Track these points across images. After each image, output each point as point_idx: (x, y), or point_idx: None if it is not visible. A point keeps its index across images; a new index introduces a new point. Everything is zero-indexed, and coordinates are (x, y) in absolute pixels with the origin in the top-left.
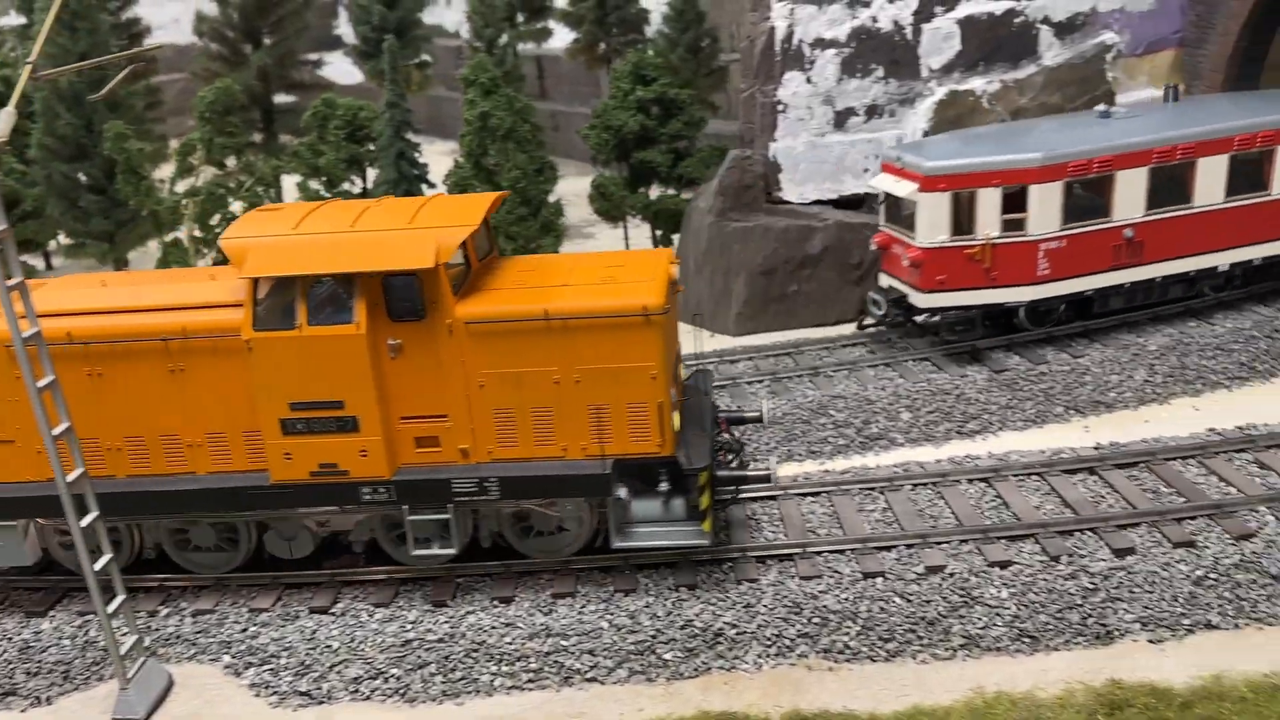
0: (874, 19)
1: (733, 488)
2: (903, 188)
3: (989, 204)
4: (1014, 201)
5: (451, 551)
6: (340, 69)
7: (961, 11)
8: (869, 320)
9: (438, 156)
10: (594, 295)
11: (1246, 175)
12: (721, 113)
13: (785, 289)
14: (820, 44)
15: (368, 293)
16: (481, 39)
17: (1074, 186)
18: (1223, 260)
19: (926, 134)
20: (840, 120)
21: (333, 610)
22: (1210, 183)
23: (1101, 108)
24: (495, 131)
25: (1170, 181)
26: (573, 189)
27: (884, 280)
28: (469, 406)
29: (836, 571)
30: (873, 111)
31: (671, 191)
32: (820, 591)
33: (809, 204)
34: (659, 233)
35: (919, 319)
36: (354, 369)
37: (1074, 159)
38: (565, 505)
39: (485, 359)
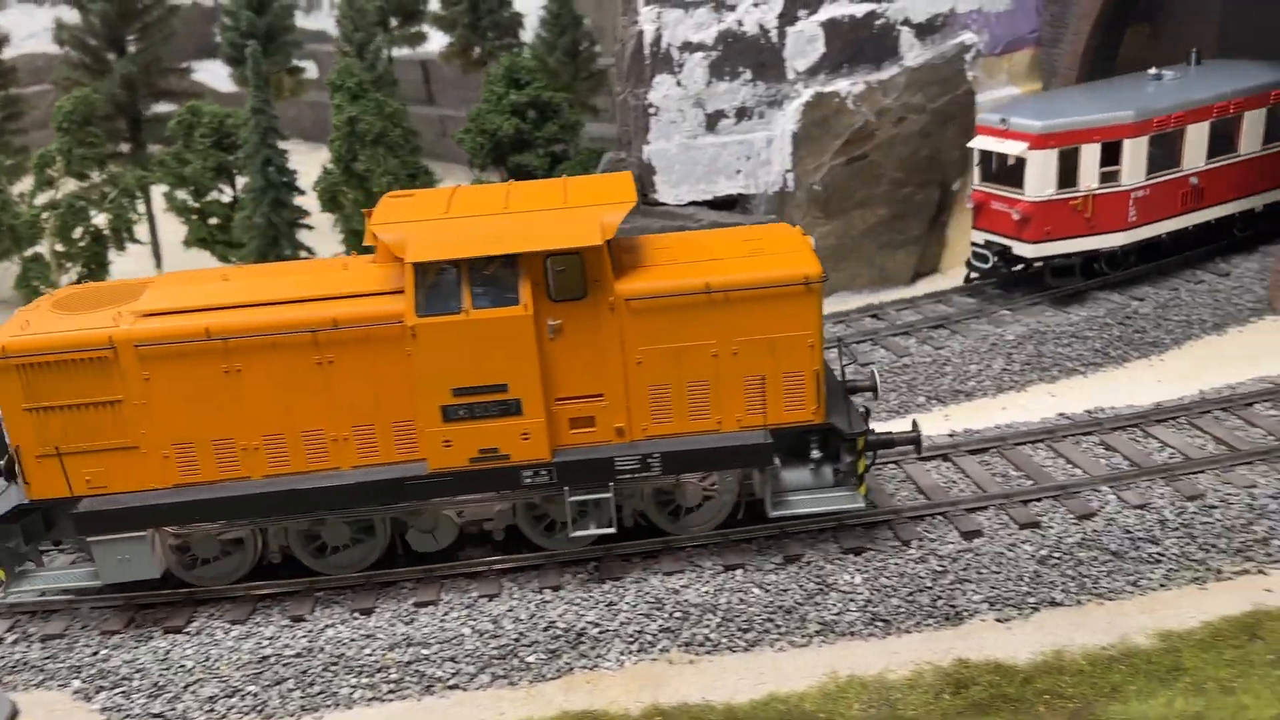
0: (739, 22)
1: (875, 451)
2: (1011, 147)
3: (1090, 158)
4: (1110, 155)
5: (610, 530)
6: (220, 75)
7: (824, 14)
8: (974, 275)
9: (323, 162)
10: (752, 267)
11: (1277, 125)
12: (604, 115)
13: None
14: (688, 47)
15: (531, 273)
16: (351, 43)
17: (1156, 140)
18: (1258, 202)
19: (795, 136)
20: (711, 122)
21: (187, 629)
22: (1251, 133)
23: (1153, 71)
24: (364, 137)
25: (1223, 134)
26: None
27: (978, 236)
28: (625, 384)
29: (698, 565)
30: (743, 114)
31: None
32: (682, 586)
33: (685, 205)
34: None
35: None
36: (519, 351)
37: (1158, 115)
38: (725, 478)
39: (644, 336)
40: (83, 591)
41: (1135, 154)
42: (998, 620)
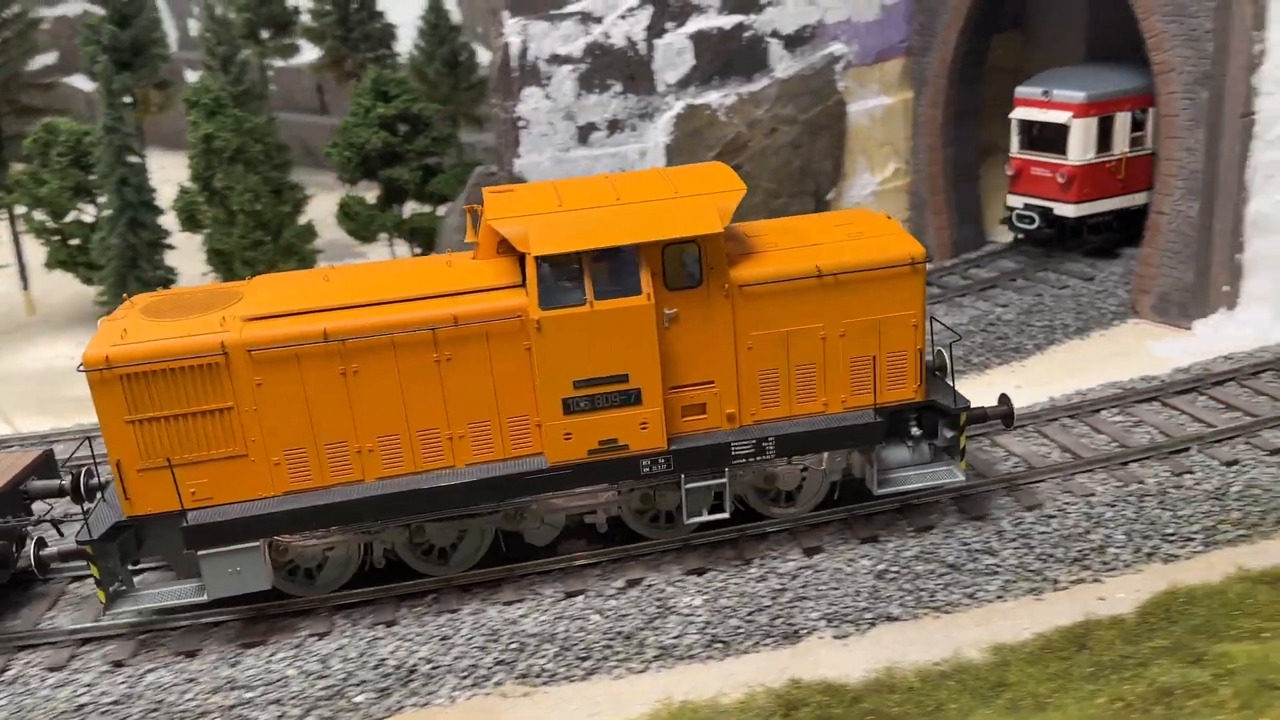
0: (607, 35)
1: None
2: (1055, 115)
3: (1123, 125)
4: (1138, 122)
5: (724, 515)
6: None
7: (692, 26)
8: (1019, 235)
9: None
10: (858, 250)
11: None
12: (489, 126)
13: None
14: (556, 60)
15: (650, 262)
16: (216, 56)
17: None
18: None
19: (668, 148)
20: (583, 135)
21: (2, 678)
22: None
23: None
24: (221, 154)
25: None
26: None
27: (1016, 200)
28: (736, 370)
29: (538, 594)
30: (615, 126)
31: (427, 209)
32: (520, 616)
33: None
34: (418, 250)
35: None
36: (641, 340)
37: None
38: (833, 459)
39: (756, 321)
40: (188, 609)
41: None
42: (835, 638)
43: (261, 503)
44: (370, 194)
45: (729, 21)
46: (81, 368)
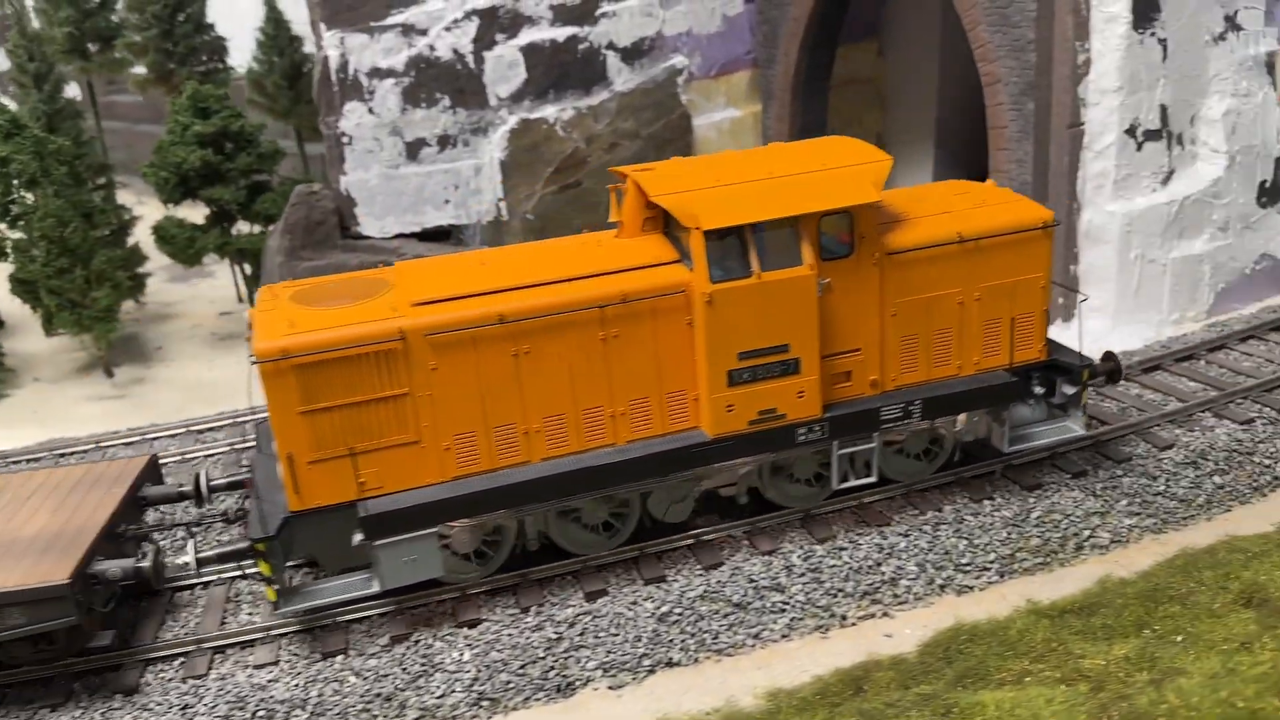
0: (432, 47)
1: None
2: None
3: None
4: None
5: (872, 480)
6: None
7: (524, 39)
8: None
9: None
10: (994, 216)
11: None
12: None
13: None
14: (378, 73)
15: (809, 234)
16: (27, 74)
17: None
18: None
19: (504, 164)
20: (413, 151)
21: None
22: None
23: None
24: (19, 177)
25: None
26: None
27: None
28: (881, 337)
29: (293, 654)
30: (446, 141)
31: (258, 229)
32: (270, 680)
33: (391, 238)
34: (248, 271)
35: None
36: (801, 310)
37: None
38: (970, 419)
39: (900, 288)
40: (359, 601)
41: None
42: (610, 688)
43: (433, 489)
44: (199, 214)
45: (562, 34)
46: (254, 360)
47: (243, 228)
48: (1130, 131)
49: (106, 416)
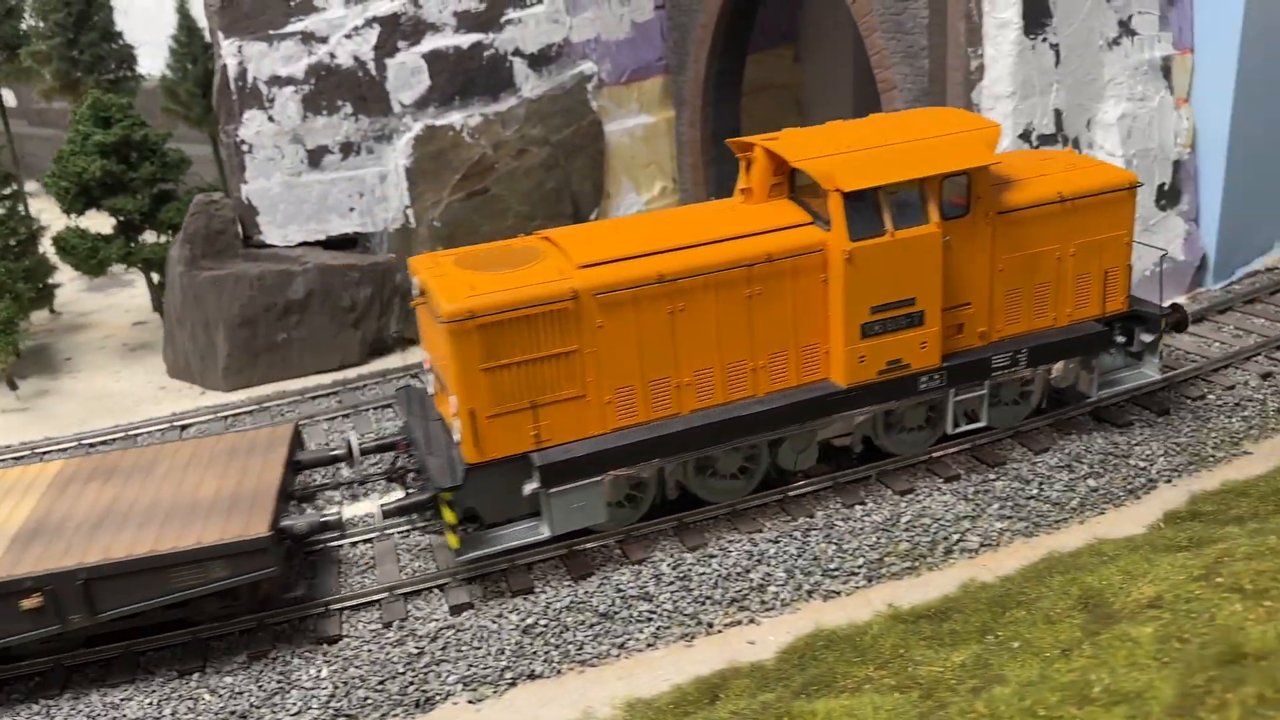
0: (332, 55)
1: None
2: None
3: None
4: None
5: (982, 424)
6: None
7: (426, 45)
8: None
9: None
10: (1088, 177)
11: None
12: None
13: (273, 338)
14: (277, 81)
15: (933, 194)
16: None
17: None
18: None
19: (409, 171)
20: (315, 159)
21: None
22: None
23: None
24: None
25: None
26: None
27: None
28: (990, 291)
29: (148, 673)
30: (348, 149)
31: (165, 239)
32: (123, 699)
33: (295, 246)
34: (158, 279)
35: None
36: (928, 266)
37: None
38: (1065, 367)
39: (1008, 245)
40: (531, 546)
41: None
42: (470, 702)
43: (598, 440)
44: (109, 224)
45: (466, 40)
46: (442, 320)
47: (152, 237)
48: (1025, 136)
49: (6, 430)
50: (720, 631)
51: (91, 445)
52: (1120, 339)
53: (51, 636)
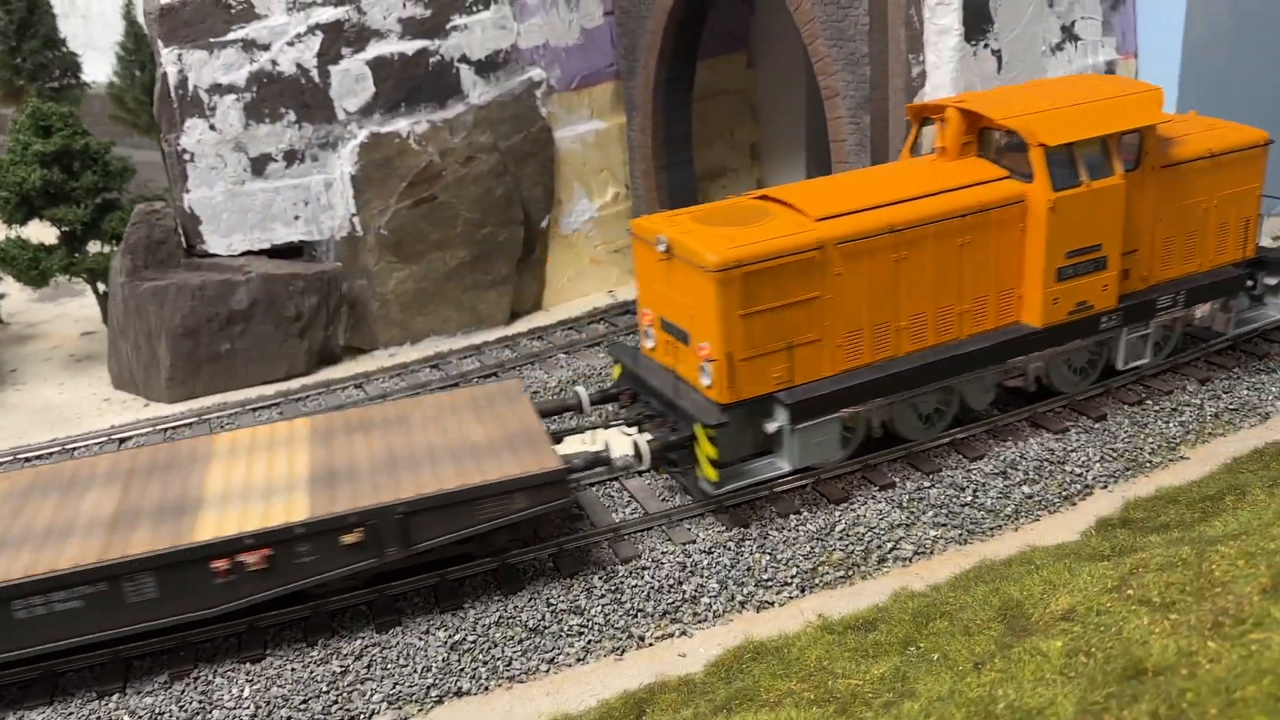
0: (274, 62)
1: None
2: None
3: None
4: None
5: (1145, 361)
6: None
7: (371, 52)
8: None
9: None
10: (1229, 135)
11: None
12: None
13: (217, 349)
14: (218, 89)
15: (1115, 149)
16: None
17: None
18: None
19: (355, 178)
20: (258, 167)
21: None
22: None
23: None
24: None
25: None
26: None
27: None
28: (1151, 239)
29: (67, 694)
30: (292, 157)
31: (108, 249)
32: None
33: (238, 256)
34: (104, 290)
35: None
36: (1113, 215)
37: None
38: (1211, 308)
39: (1166, 197)
40: (775, 480)
41: None
42: None
43: (834, 379)
44: (52, 235)
45: (411, 47)
46: (710, 269)
47: (97, 247)
48: None
49: None
50: (651, 645)
51: (27, 459)
52: (1248, 283)
53: (359, 572)
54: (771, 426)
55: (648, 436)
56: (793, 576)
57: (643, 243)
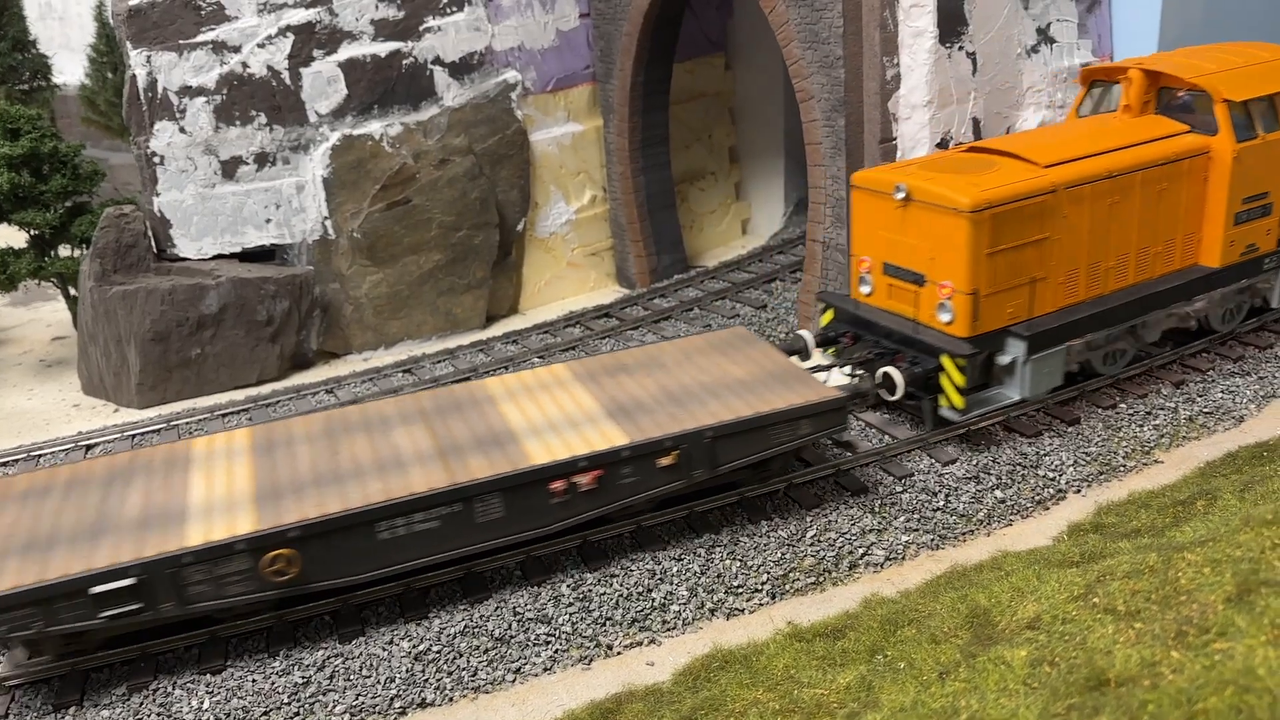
0: (245, 65)
1: None
2: None
3: None
4: None
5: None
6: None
7: (343, 54)
8: None
9: None
10: None
11: None
12: None
13: (187, 354)
14: (188, 92)
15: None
16: None
17: None
18: None
19: (327, 181)
20: (229, 170)
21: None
22: None
23: None
24: None
25: None
26: None
27: None
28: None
29: (24, 707)
30: (264, 159)
31: (78, 253)
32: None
33: (209, 259)
34: (75, 294)
35: None
36: (1278, 164)
37: None
38: None
39: None
40: (1007, 407)
41: None
42: None
43: (1059, 314)
44: (21, 239)
45: (384, 49)
46: (966, 211)
47: (68, 251)
48: (942, 145)
49: None
50: (620, 653)
51: None
52: None
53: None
54: (1005, 359)
55: (890, 370)
56: (763, 583)
57: (866, 192)
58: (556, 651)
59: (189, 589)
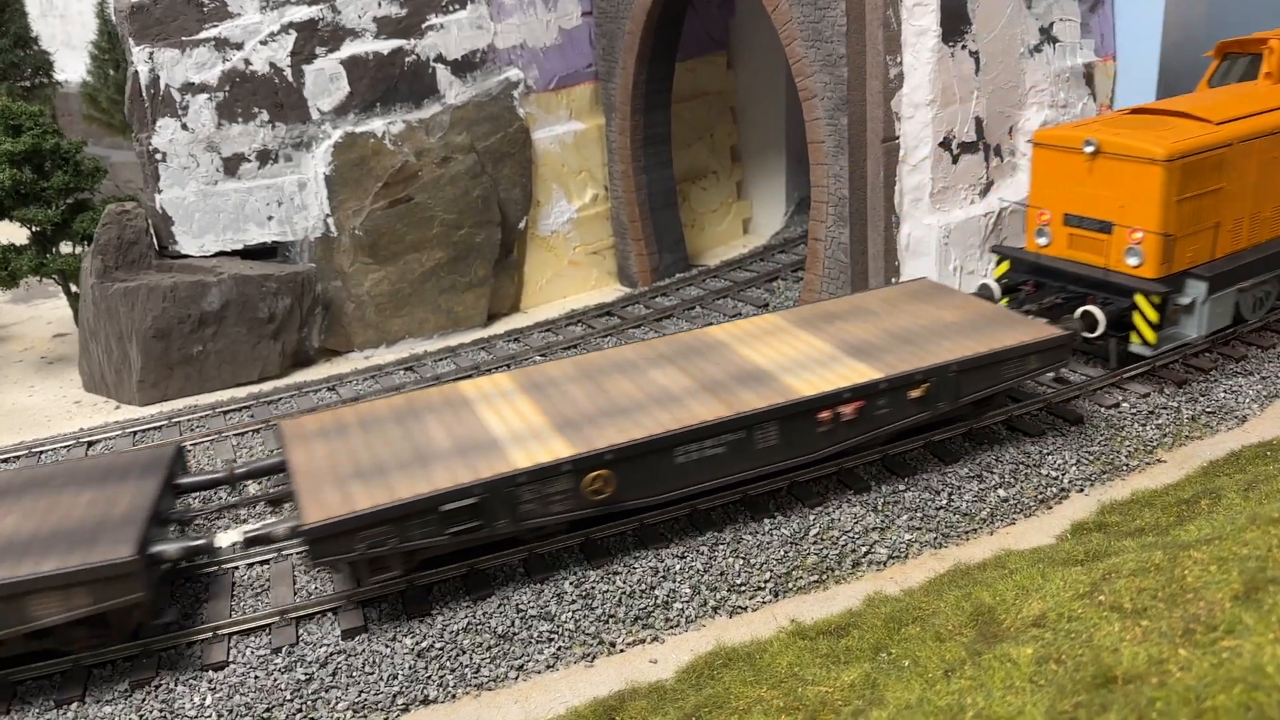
0: (247, 61)
1: None
2: None
3: None
4: None
5: None
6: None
7: (345, 52)
8: None
9: None
10: None
11: None
12: None
13: (189, 351)
14: (190, 89)
15: None
16: None
17: None
18: None
19: (329, 178)
20: (231, 167)
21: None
22: None
23: None
24: None
25: None
26: None
27: None
28: None
29: (25, 703)
30: (266, 157)
31: (80, 250)
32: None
33: (211, 256)
34: (76, 291)
35: None
36: None
37: None
38: None
39: None
40: (1186, 343)
41: None
42: None
43: (1233, 257)
44: (23, 236)
45: (386, 46)
46: (1163, 160)
47: (69, 247)
48: (945, 144)
49: None
50: (623, 651)
51: None
52: None
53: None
54: (1185, 299)
55: (1091, 309)
56: (766, 581)
57: (1049, 149)
58: (559, 649)
59: (520, 507)
